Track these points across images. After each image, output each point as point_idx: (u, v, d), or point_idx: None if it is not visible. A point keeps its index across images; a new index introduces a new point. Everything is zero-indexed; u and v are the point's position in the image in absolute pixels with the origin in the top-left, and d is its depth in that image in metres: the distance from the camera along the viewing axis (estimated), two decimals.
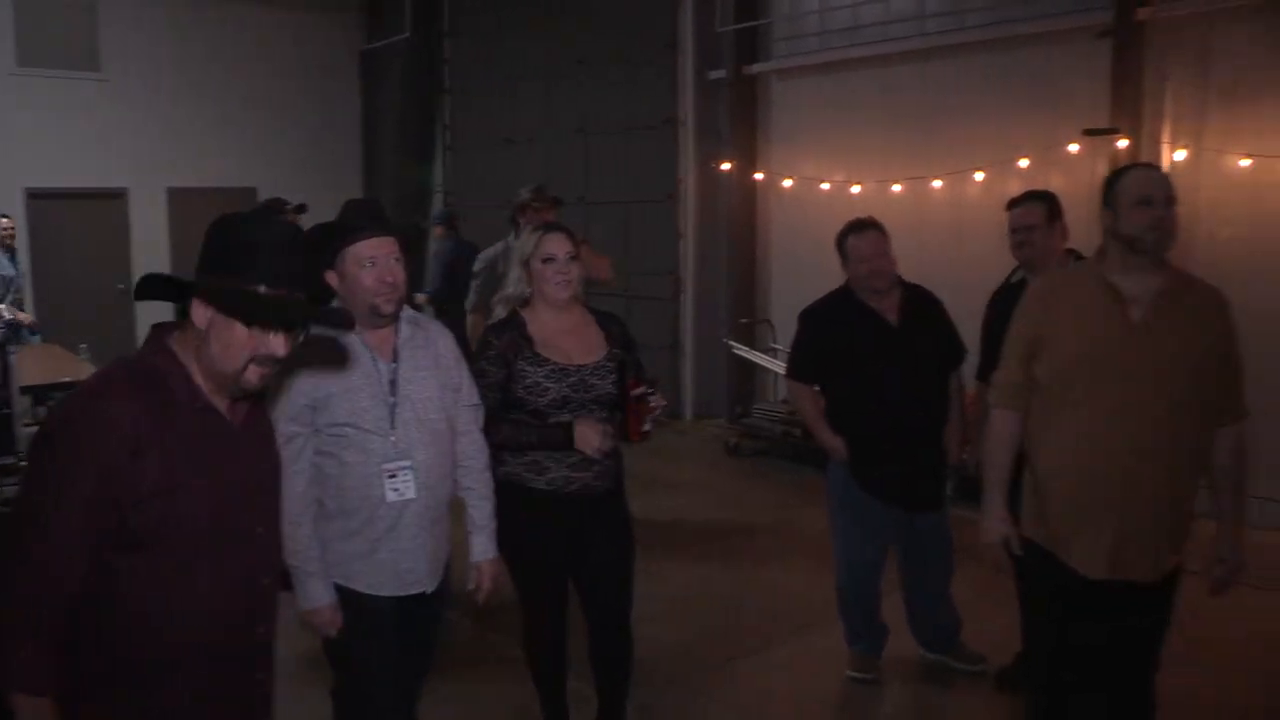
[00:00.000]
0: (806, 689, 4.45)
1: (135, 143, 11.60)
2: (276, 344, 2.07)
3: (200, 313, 2.04)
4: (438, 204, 12.63)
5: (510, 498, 3.39)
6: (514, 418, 3.38)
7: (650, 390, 3.35)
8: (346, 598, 2.93)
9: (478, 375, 3.36)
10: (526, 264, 3.47)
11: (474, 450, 3.22)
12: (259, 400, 2.27)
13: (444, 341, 3.17)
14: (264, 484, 2.27)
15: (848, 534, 4.39)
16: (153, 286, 2.06)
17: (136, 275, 11.60)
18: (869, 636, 4.50)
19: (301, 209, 5.40)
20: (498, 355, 3.39)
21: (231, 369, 2.06)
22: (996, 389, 3.30)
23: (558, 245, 3.45)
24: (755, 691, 4.44)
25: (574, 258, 3.46)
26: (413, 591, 3.02)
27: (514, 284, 3.51)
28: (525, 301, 3.50)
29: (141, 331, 11.56)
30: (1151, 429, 2.95)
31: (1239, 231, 6.49)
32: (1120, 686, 3.22)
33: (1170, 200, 2.98)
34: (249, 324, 2.03)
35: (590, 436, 3.30)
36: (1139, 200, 2.97)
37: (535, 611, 3.63)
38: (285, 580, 3.11)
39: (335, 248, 2.89)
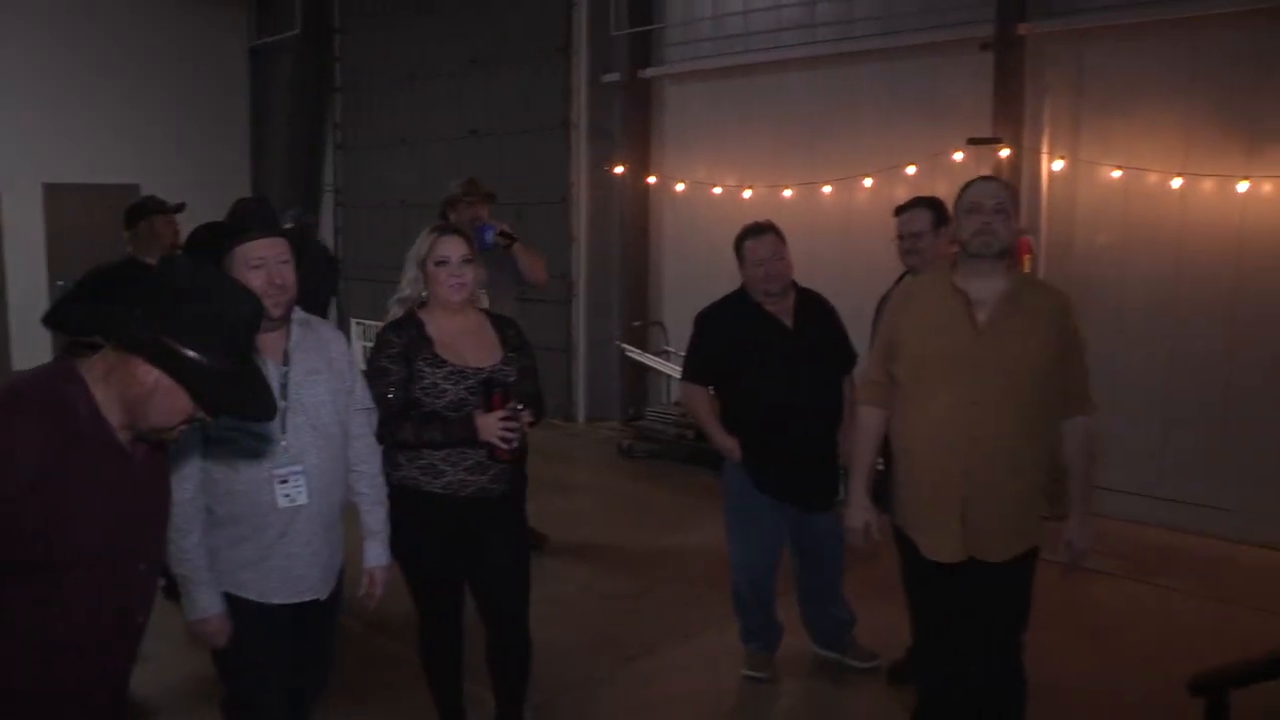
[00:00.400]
0: (703, 688, 4.48)
1: (8, 136, 11.12)
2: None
3: (146, 372, 1.93)
4: (328, 203, 12.42)
5: (406, 502, 3.36)
6: (416, 416, 3.34)
7: (519, 407, 3.32)
8: (236, 607, 2.87)
9: (379, 374, 3.32)
10: (422, 265, 3.43)
11: (367, 454, 3.18)
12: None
13: (336, 344, 3.12)
14: (154, 519, 2.19)
15: (743, 534, 4.44)
16: (69, 317, 1.96)
17: (9, 273, 11.24)
18: (764, 635, 4.56)
19: (180, 208, 5.22)
20: (399, 354, 3.35)
21: (163, 426, 1.98)
22: (862, 387, 3.58)
23: (451, 248, 3.42)
24: (652, 692, 4.46)
25: (468, 261, 3.43)
26: (305, 599, 2.97)
27: (410, 285, 3.48)
28: (422, 303, 3.46)
29: (15, 336, 11.10)
30: (995, 421, 3.15)
31: (1113, 239, 6.75)
32: (987, 663, 3.37)
33: (999, 208, 3.17)
34: (199, 402, 1.96)
35: (491, 424, 3.26)
36: (968, 208, 3.21)
37: (431, 616, 3.60)
38: (172, 589, 3.03)
39: (223, 249, 2.82)
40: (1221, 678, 2.54)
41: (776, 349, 4.23)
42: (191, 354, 1.93)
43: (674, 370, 8.02)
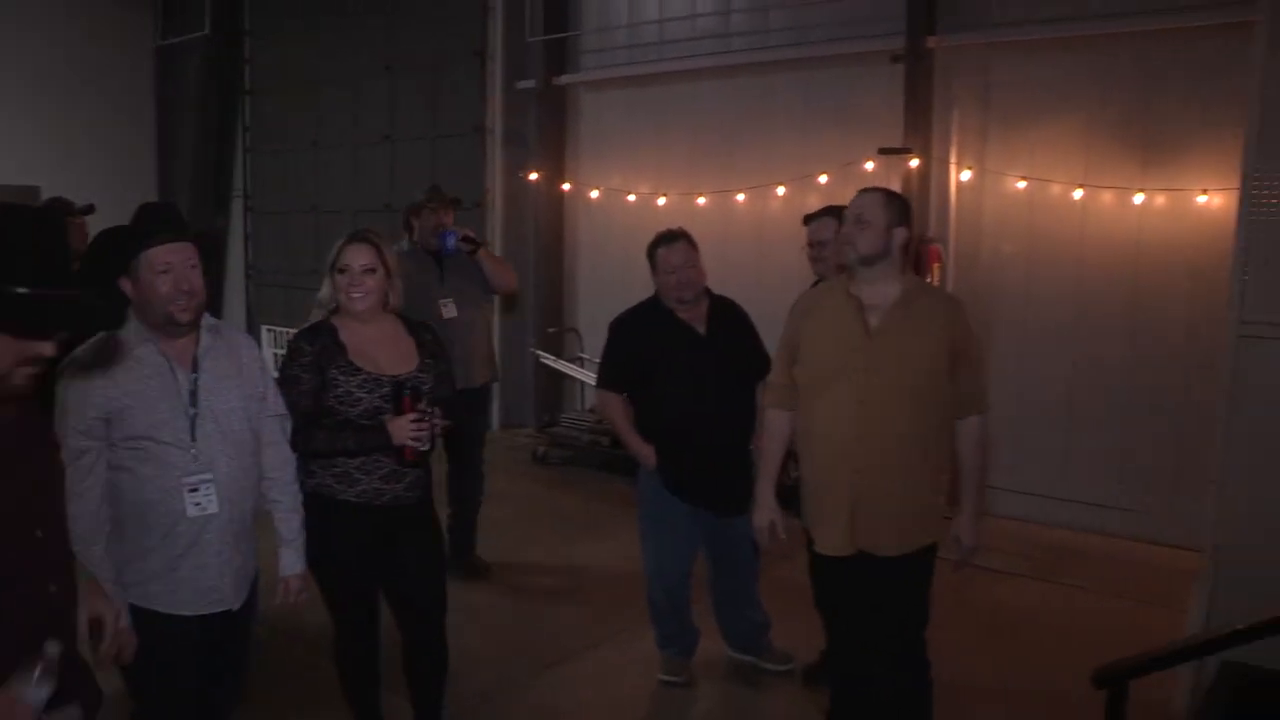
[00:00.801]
0: (620, 694, 4.49)
1: None
2: (44, 346, 1.90)
3: None
4: (238, 208, 12.16)
5: (320, 510, 3.32)
6: (328, 424, 3.30)
7: (429, 410, 3.31)
8: (144, 619, 2.78)
9: (290, 382, 3.28)
10: (330, 273, 3.41)
11: (280, 462, 3.14)
12: (31, 402, 2.11)
13: (248, 350, 3.08)
14: (41, 485, 2.10)
15: (658, 540, 4.46)
16: None
17: None
18: (680, 640, 4.58)
19: (89, 210, 5.09)
20: (311, 361, 3.31)
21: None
22: (769, 390, 3.70)
23: (353, 256, 3.38)
24: (570, 698, 4.46)
25: (371, 270, 3.39)
26: (216, 610, 2.92)
27: (325, 290, 3.44)
28: (336, 309, 3.42)
29: None
30: (883, 420, 3.28)
31: (1018, 247, 6.93)
32: (891, 660, 3.47)
33: (859, 219, 3.34)
34: (9, 332, 1.86)
35: (403, 426, 3.24)
36: (845, 220, 3.45)
37: (347, 625, 3.56)
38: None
39: (129, 253, 2.77)
40: (1122, 670, 2.62)
41: (689, 356, 4.26)
42: None
43: (589, 377, 8.02)
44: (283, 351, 11.48)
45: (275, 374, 3.32)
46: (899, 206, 3.38)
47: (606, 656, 4.84)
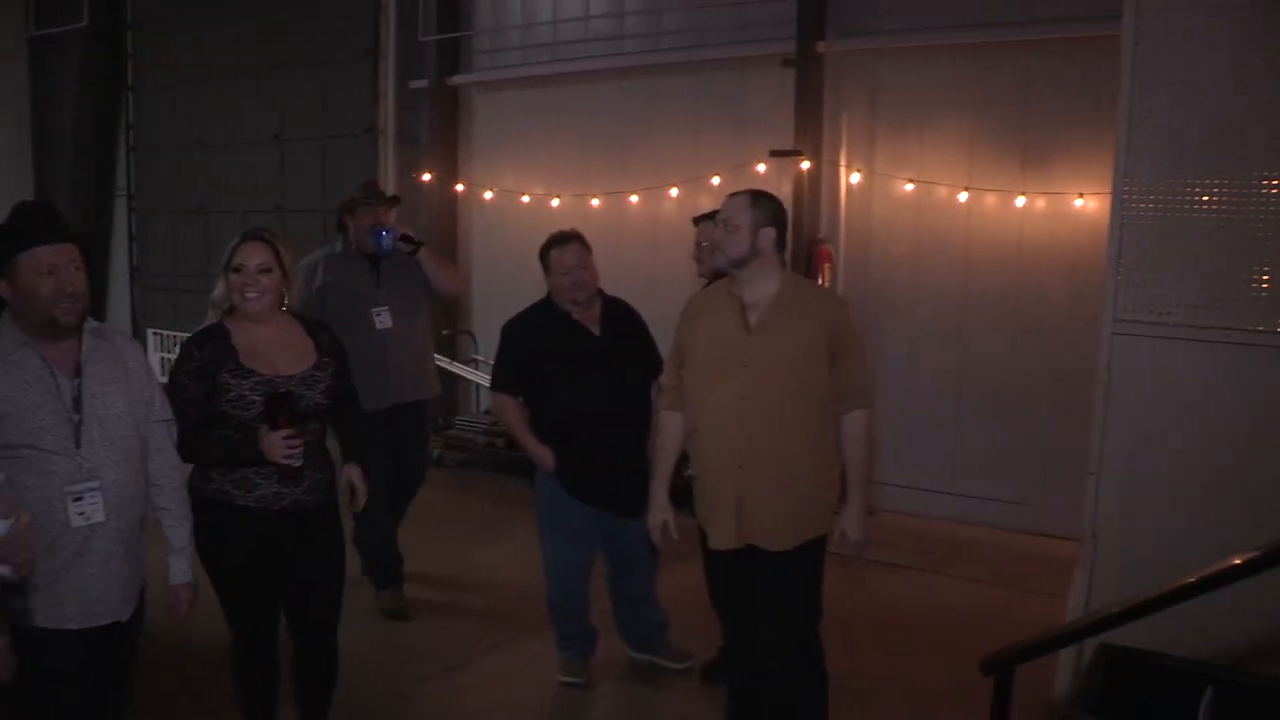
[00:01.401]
0: (519, 696, 4.49)
1: None
2: None
3: None
4: (121, 208, 11.77)
5: (219, 516, 3.26)
6: (211, 434, 3.23)
7: (303, 426, 3.27)
8: (23, 635, 2.68)
9: (176, 390, 3.21)
10: (224, 272, 3.34)
11: (168, 468, 3.07)
12: None
13: (133, 353, 3.01)
14: None
15: (555, 542, 4.47)
16: None
17: None
18: (579, 642, 4.60)
19: None
20: (199, 368, 3.23)
21: None
22: (662, 392, 3.78)
23: (247, 255, 3.32)
24: (469, 702, 4.44)
25: (267, 270, 3.32)
26: (104, 621, 2.84)
27: (219, 290, 3.37)
28: (230, 310, 3.36)
29: None
30: (764, 415, 3.36)
31: (906, 249, 7.10)
32: (782, 653, 3.54)
33: (724, 223, 3.45)
34: None
35: (275, 443, 3.18)
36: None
37: (246, 633, 3.49)
38: None
39: (5, 254, 2.68)
40: (1007, 657, 2.72)
41: (583, 357, 4.27)
42: None
43: (483, 379, 7.98)
44: (171, 356, 10.98)
45: (164, 379, 3.24)
46: (766, 207, 3.44)
47: (505, 658, 4.84)
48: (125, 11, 11.52)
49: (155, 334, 11.20)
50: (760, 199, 3.47)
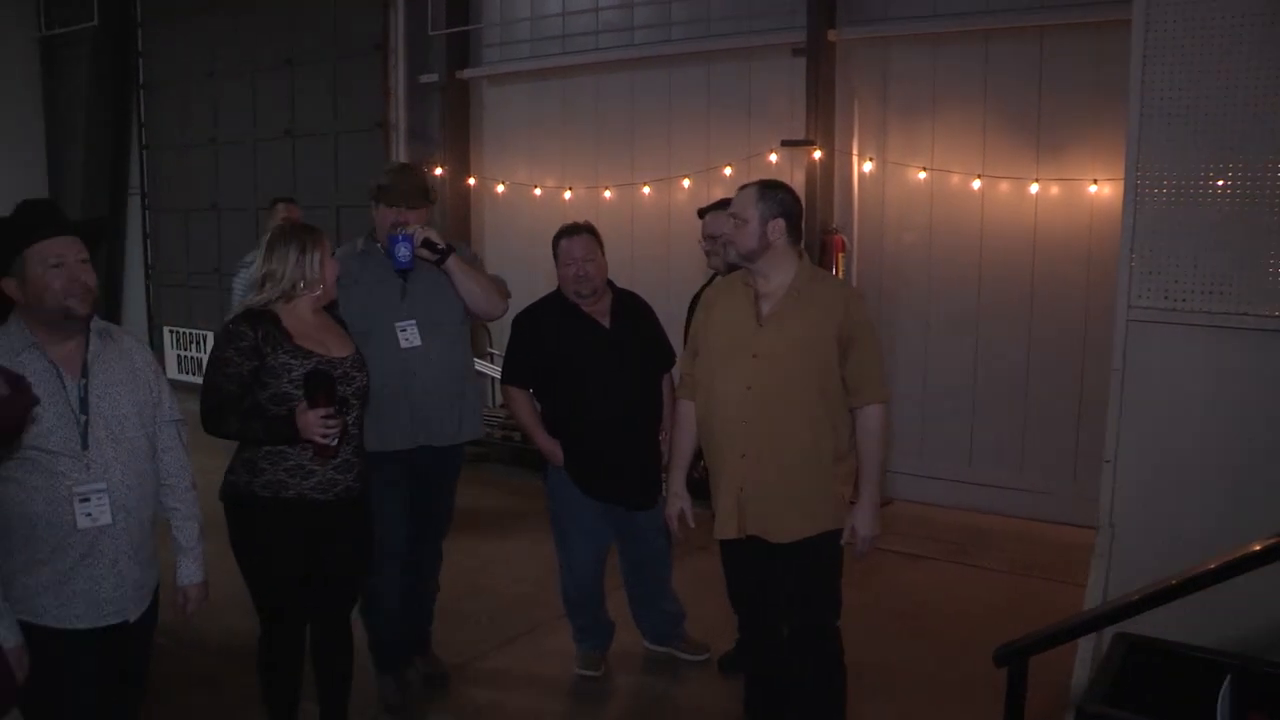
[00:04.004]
0: (537, 690, 4.50)
1: None
2: None
3: None
4: (135, 207, 11.82)
5: (267, 508, 3.28)
6: (249, 409, 3.25)
7: (341, 407, 3.27)
8: (35, 636, 2.69)
9: (220, 363, 3.23)
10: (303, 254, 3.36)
11: (177, 468, 3.06)
12: None
13: (140, 354, 3.00)
14: None
15: (568, 536, 4.46)
16: None
17: None
18: (595, 634, 4.59)
19: None
20: (252, 347, 3.24)
21: None
22: (680, 382, 3.75)
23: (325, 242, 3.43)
24: (486, 695, 4.44)
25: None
26: (113, 621, 2.84)
27: (289, 273, 3.35)
28: (285, 296, 3.35)
29: None
30: (770, 406, 3.34)
31: (920, 237, 7.06)
32: (797, 646, 3.53)
33: (734, 217, 3.43)
34: None
35: (312, 421, 3.18)
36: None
37: (278, 626, 3.50)
38: None
39: (12, 250, 2.69)
40: (1020, 648, 2.70)
41: (593, 349, 4.26)
42: None
43: (497, 372, 7.98)
44: (187, 353, 11.01)
45: (184, 376, 3.25)
46: (775, 198, 3.40)
47: (522, 652, 4.83)
48: (135, 10, 11.56)
49: (171, 331, 11.25)
50: (770, 190, 3.43)
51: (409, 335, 4.02)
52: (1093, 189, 6.35)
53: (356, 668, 3.76)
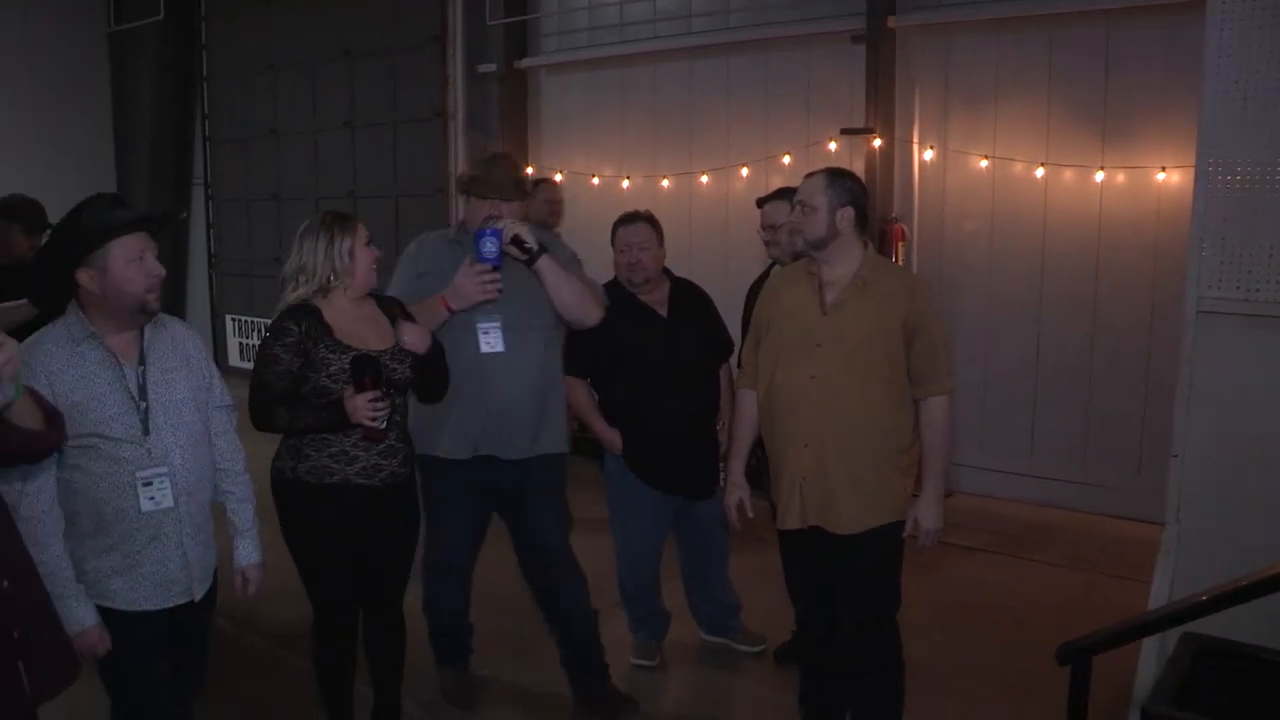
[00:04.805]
0: None
1: None
2: None
3: None
4: (199, 197, 12.01)
5: (311, 497, 3.33)
6: (298, 402, 3.28)
7: (387, 390, 3.28)
8: (110, 618, 2.79)
9: (268, 360, 3.27)
10: (339, 250, 3.37)
11: (230, 452, 3.13)
12: None
13: (192, 341, 3.06)
14: None
15: (625, 525, 4.46)
16: None
17: None
18: (650, 624, 4.59)
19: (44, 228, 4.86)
20: (296, 343, 3.27)
21: None
22: (740, 372, 3.71)
23: (364, 231, 3.43)
24: (543, 683, 4.44)
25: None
26: (180, 601, 2.92)
27: (321, 266, 3.36)
28: (323, 289, 3.38)
29: None
30: (833, 396, 3.30)
31: (981, 226, 6.96)
32: (856, 639, 3.49)
33: (801, 205, 3.38)
34: None
35: (361, 405, 3.20)
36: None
37: (329, 610, 3.54)
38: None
39: (96, 244, 2.72)
40: (1084, 646, 2.65)
41: (650, 338, 4.24)
42: None
43: None
44: (248, 341, 11.17)
45: (245, 363, 3.30)
46: (843, 186, 3.36)
47: None
48: (199, 4, 11.72)
49: (233, 319, 11.42)
50: (838, 178, 3.39)
51: (491, 339, 3.75)
52: (1161, 177, 6.21)
53: (413, 653, 3.79)
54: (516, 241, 3.67)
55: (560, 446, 4.00)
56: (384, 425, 3.28)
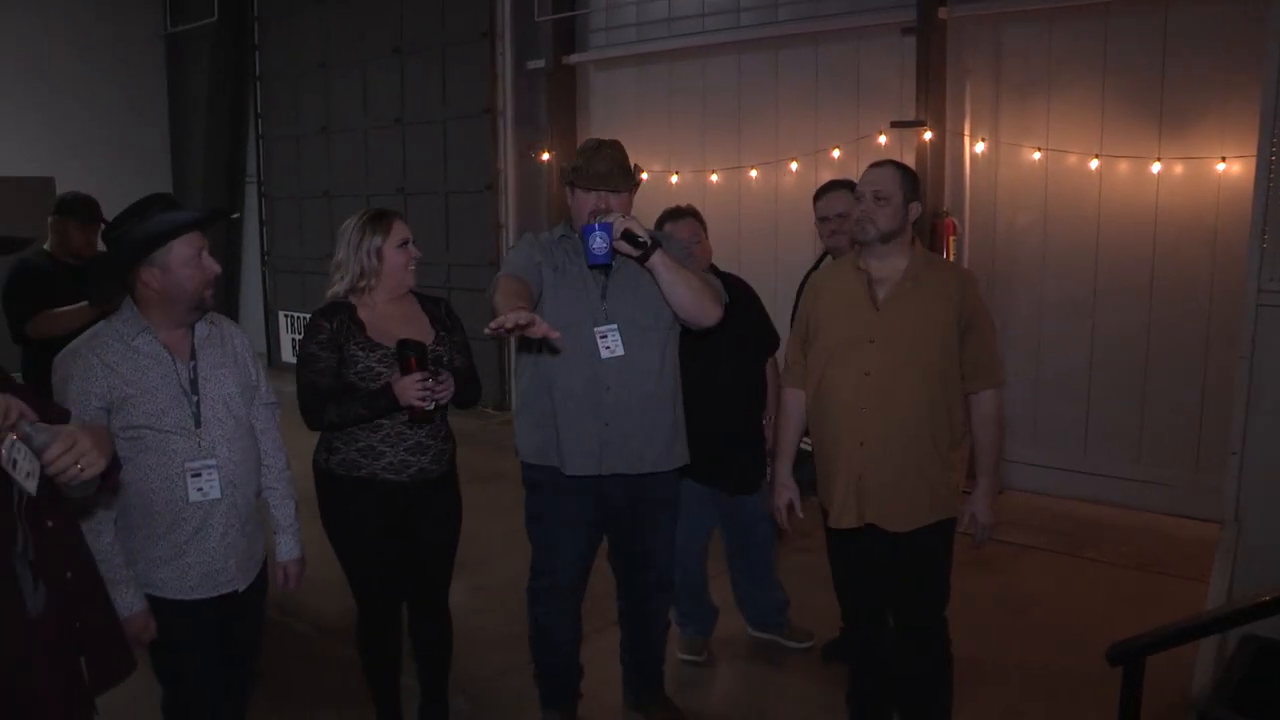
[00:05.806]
0: None
1: None
2: None
3: None
4: (251, 195, 12.17)
5: (346, 490, 3.38)
6: (338, 396, 3.32)
7: (433, 372, 3.28)
8: (158, 607, 2.85)
9: (308, 360, 3.33)
10: (370, 249, 3.40)
11: (273, 449, 3.18)
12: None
13: (239, 339, 3.12)
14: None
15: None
16: None
17: None
18: (697, 619, 4.57)
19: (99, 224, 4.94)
20: (329, 339, 3.33)
21: None
22: (786, 369, 3.65)
23: (404, 230, 3.45)
24: (589, 677, 4.43)
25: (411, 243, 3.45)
26: (223, 591, 2.96)
27: (361, 265, 3.41)
28: (358, 289, 3.42)
29: None
30: (888, 393, 3.26)
31: (1033, 218, 6.86)
32: (906, 636, 3.46)
33: (877, 195, 3.28)
34: None
35: (409, 386, 3.23)
36: (857, 195, 3.40)
37: (371, 604, 3.58)
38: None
39: (159, 243, 2.79)
40: (1137, 646, 2.59)
41: (698, 334, 4.21)
42: None
43: None
44: (299, 336, 11.45)
45: (293, 359, 3.34)
46: (912, 180, 3.36)
47: None
48: (252, 5, 11.89)
49: (286, 316, 11.55)
50: (907, 172, 3.37)
51: (610, 343, 3.43)
52: (1220, 167, 6.08)
53: (462, 648, 3.80)
54: (628, 236, 3.32)
55: (685, 458, 3.70)
56: (432, 406, 3.29)
